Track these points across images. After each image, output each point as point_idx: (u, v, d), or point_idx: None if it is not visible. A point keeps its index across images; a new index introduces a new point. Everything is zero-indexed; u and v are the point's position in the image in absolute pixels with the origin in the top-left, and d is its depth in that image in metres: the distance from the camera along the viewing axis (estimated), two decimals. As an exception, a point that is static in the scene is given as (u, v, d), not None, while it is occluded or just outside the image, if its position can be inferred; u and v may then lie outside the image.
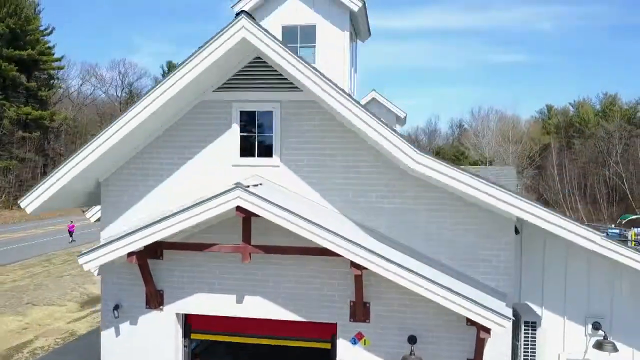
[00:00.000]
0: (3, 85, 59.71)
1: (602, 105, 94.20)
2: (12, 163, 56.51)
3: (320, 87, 7.21)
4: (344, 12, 10.62)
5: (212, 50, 7.27)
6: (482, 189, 6.90)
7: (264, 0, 10.67)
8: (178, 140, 8.19)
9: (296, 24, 10.75)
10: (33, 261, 30.62)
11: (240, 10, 7.39)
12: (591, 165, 76.52)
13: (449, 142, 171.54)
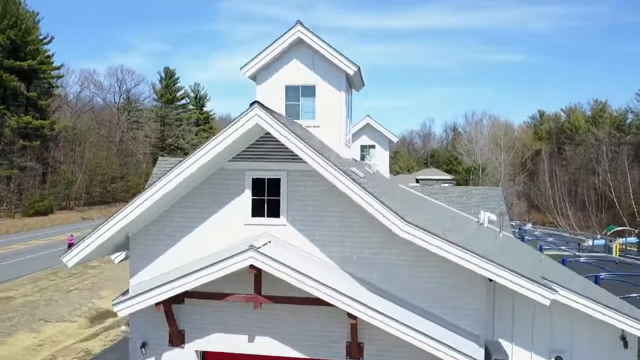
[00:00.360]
0: (3, 95, 60.67)
1: (592, 111, 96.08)
2: (13, 172, 57.51)
3: (318, 163, 8.52)
4: (340, 75, 11.97)
5: (230, 133, 8.59)
6: (455, 254, 8.20)
7: (270, 62, 11.97)
8: (198, 202, 9.48)
9: (298, 84, 12.09)
10: (40, 274, 31.73)
11: (254, 101, 8.68)
12: (581, 172, 78.15)
13: (443, 145, 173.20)
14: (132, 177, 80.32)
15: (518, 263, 10.58)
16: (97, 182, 71.46)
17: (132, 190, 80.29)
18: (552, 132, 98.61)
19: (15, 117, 59.98)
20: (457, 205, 26.04)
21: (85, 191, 69.51)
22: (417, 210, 13.65)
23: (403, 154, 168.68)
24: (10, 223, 54.01)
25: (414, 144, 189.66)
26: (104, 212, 70.29)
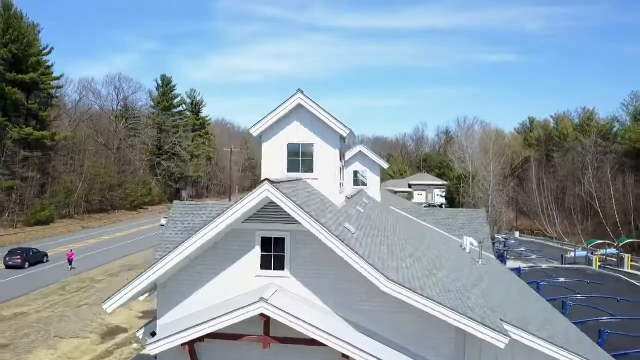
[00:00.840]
0: (5, 107, 62.02)
1: (580, 120, 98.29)
2: (15, 183, 58.91)
3: (314, 227, 10.34)
4: (335, 135, 13.87)
5: (245, 204, 10.42)
6: (428, 305, 10.04)
7: (274, 124, 13.83)
8: (217, 256, 11.27)
9: (299, 142, 13.97)
10: (50, 289, 33.36)
11: (265, 179, 10.51)
12: (569, 180, 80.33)
13: (436, 149, 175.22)
14: (130, 184, 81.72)
15: (485, 301, 12.46)
16: (97, 190, 72.86)
17: (130, 198, 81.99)
18: (542, 139, 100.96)
19: (17, 129, 61.34)
20: (444, 227, 28.06)
21: (85, 199, 70.92)
22: (403, 244, 15.49)
23: (396, 157, 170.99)
24: (13, 233, 55.39)
25: (407, 147, 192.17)
26: (103, 220, 71.95)
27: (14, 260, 39.48)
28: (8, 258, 39.79)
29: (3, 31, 60.07)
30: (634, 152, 70.22)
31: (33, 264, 40.66)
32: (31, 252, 41.82)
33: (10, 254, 40.37)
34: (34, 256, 41.49)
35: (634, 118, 79.20)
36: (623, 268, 42.13)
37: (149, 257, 45.52)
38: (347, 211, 14.65)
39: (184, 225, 15.62)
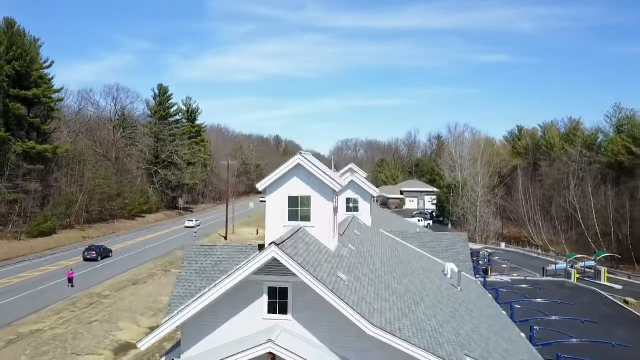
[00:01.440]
0: (8, 122, 63.79)
1: (567, 129, 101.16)
2: (19, 196, 60.73)
3: (311, 282, 12.65)
4: (329, 190, 16.17)
5: (256, 262, 12.72)
6: (406, 347, 12.37)
7: (277, 180, 16.14)
8: (230, 302, 13.54)
9: (298, 195, 16.27)
10: (61, 305, 35.38)
11: (272, 242, 12.80)
12: (555, 189, 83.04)
13: (427, 154, 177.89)
14: (128, 194, 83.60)
15: (455, 336, 14.82)
16: (96, 201, 74.74)
17: (129, 207, 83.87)
18: (529, 148, 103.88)
19: (20, 143, 63.17)
20: (429, 250, 30.46)
21: (85, 210, 72.79)
22: (388, 280, 17.81)
23: (389, 162, 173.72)
24: (18, 245, 57.26)
25: (400, 152, 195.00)
26: (103, 230, 73.88)
27: (91, 255, 50.57)
28: (86, 253, 50.99)
29: (7, 48, 61.86)
30: (615, 164, 73.08)
31: (104, 257, 51.84)
32: (102, 248, 53.02)
33: (88, 249, 51.71)
34: (104, 251, 52.51)
35: (617, 130, 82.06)
36: (600, 280, 44.86)
37: (152, 270, 47.80)
38: (340, 253, 16.97)
39: (197, 265, 17.83)
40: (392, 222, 39.15)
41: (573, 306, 29.20)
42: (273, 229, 16.36)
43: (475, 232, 70.99)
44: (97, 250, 51.56)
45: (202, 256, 18.15)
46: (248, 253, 17.83)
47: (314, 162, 16.98)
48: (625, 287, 43.25)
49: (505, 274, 44.97)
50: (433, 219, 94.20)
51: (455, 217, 78.38)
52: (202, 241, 67.55)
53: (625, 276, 47.81)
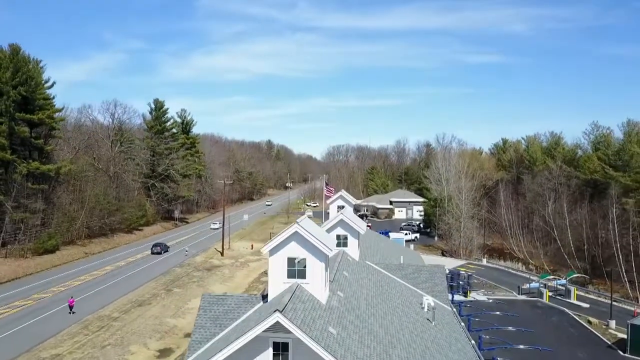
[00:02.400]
0: (12, 144, 66.56)
1: (548, 143, 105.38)
2: (26, 216, 63.58)
3: (306, 340, 16.14)
4: (322, 254, 19.69)
5: (264, 324, 16.19)
6: (381, 391, 15.88)
7: (278, 244, 19.61)
8: (240, 354, 16.98)
9: (295, 257, 19.78)
10: (74, 329, 38.47)
11: (275, 309, 16.27)
12: (536, 202, 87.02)
13: (416, 162, 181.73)
14: (127, 208, 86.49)
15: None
16: (96, 216, 77.62)
17: (128, 222, 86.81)
18: (513, 162, 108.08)
19: (24, 164, 65.98)
20: (410, 281, 34.06)
21: (86, 226, 75.65)
22: (371, 324, 21.31)
23: (379, 170, 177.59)
24: (24, 264, 60.08)
25: (389, 159, 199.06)
26: (103, 245, 76.84)
27: (157, 250, 71.25)
28: (154, 248, 71.87)
29: (12, 74, 64.68)
30: (591, 181, 77.22)
31: (165, 252, 72.07)
32: (163, 245, 73.91)
33: (155, 245, 72.74)
34: (164, 247, 73.06)
35: (594, 147, 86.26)
36: (570, 299, 48.72)
37: (154, 290, 50.97)
38: (330, 305, 20.46)
39: (211, 313, 21.23)
40: (378, 251, 42.44)
41: (541, 326, 32.89)
42: (275, 285, 19.90)
43: (459, 246, 74.73)
44: (160, 246, 72.46)
45: (215, 305, 21.56)
46: (253, 303, 21.38)
47: (309, 228, 20.44)
48: (592, 306, 47.10)
49: (483, 294, 48.68)
50: (420, 231, 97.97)
51: (441, 231, 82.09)
52: (199, 257, 70.84)
53: (594, 294, 51.71)
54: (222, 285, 55.05)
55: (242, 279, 58.57)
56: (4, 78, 64.11)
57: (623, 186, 65.90)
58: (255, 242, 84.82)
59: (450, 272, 51.36)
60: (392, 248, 46.23)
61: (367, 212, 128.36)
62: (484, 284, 53.72)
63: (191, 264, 65.22)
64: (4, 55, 66.00)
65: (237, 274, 61.34)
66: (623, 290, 55.56)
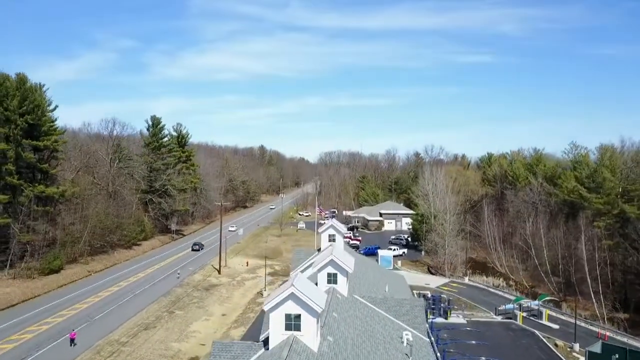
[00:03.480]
0: (19, 168, 69.85)
1: (531, 159, 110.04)
2: (32, 237, 66.93)
3: (306, 390, 20.06)
4: (314, 311, 23.65)
5: (267, 379, 20.10)
6: None
7: (278, 303, 23.54)
8: (250, 400, 20.86)
9: (291, 313, 23.72)
10: (87, 355, 42.04)
11: (278, 367, 20.19)
12: (518, 219, 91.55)
13: (406, 171, 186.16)
14: (126, 225, 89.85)
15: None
16: (98, 235, 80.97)
17: (127, 238, 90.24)
18: (497, 177, 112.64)
19: (30, 187, 69.30)
20: (393, 313, 38.04)
21: (88, 244, 78.99)
22: None
23: (369, 179, 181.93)
24: (32, 285, 63.36)
25: (380, 168, 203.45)
26: (105, 262, 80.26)
27: (196, 247, 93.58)
28: (193, 246, 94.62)
29: (19, 102, 68.00)
30: (568, 201, 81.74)
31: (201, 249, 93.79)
32: (200, 244, 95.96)
33: (194, 244, 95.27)
34: (201, 246, 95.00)
35: (573, 167, 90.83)
36: (541, 320, 53.08)
37: (157, 312, 54.65)
38: (321, 351, 24.39)
39: None
40: (366, 281, 46.24)
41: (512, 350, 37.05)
42: (275, 335, 23.86)
43: (444, 263, 78.94)
44: (198, 245, 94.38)
45: (224, 352, 25.44)
46: (256, 349, 25.26)
47: (304, 289, 24.35)
48: (562, 327, 51.45)
49: (462, 316, 52.89)
50: (408, 245, 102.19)
51: (427, 247, 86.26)
52: (197, 275, 74.49)
53: (565, 315, 56.02)
54: (220, 306, 58.84)
55: (239, 299, 62.36)
56: (12, 106, 67.40)
57: (595, 209, 70.39)
58: (250, 258, 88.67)
59: (432, 297, 55.58)
60: (379, 276, 50.06)
61: (357, 223, 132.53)
62: (464, 305, 57.87)
63: (190, 283, 68.90)
64: (11, 84, 69.27)
65: (235, 293, 65.14)
66: (592, 309, 60.01)
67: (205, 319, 53.54)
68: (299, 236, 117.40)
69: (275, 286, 67.59)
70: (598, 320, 56.82)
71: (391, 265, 79.19)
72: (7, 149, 66.88)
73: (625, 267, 60.81)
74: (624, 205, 65.22)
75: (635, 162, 73.19)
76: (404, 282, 51.88)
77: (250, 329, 49.17)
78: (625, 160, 75.15)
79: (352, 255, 51.48)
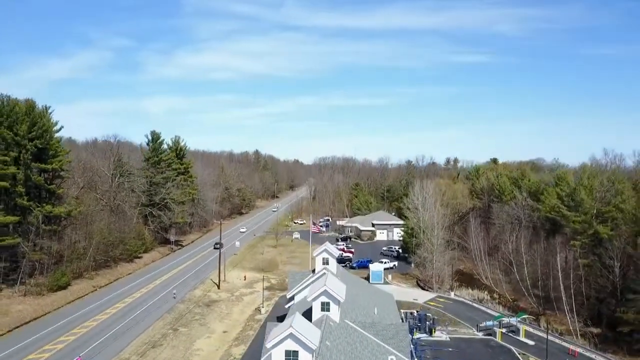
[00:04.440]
0: (28, 190, 73.50)
1: (516, 174, 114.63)
2: (42, 256, 70.63)
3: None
4: (310, 348, 27.82)
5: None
6: None
7: (279, 341, 27.65)
8: None
9: (290, 349, 27.90)
10: (102, 374, 46.01)
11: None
12: (502, 234, 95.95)
13: (398, 179, 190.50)
14: (128, 240, 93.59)
15: None
16: (102, 251, 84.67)
17: (129, 252, 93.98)
18: (485, 190, 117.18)
19: (39, 207, 72.98)
20: (380, 337, 42.22)
21: (93, 259, 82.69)
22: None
23: (362, 187, 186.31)
24: (42, 302, 66.97)
25: (373, 175, 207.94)
26: (108, 277, 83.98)
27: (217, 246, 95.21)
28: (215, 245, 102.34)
29: (28, 128, 71.67)
30: (549, 218, 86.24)
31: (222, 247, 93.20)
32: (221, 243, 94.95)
33: (216, 243, 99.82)
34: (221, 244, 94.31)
35: (556, 184, 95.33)
36: (519, 337, 57.43)
37: (162, 329, 58.48)
38: None
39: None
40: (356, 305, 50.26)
41: None
42: (276, 369, 28.00)
43: (432, 277, 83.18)
44: (219, 243, 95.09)
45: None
46: (260, 380, 29.35)
47: (301, 328, 28.50)
48: (537, 343, 55.70)
49: (446, 333, 57.16)
50: (399, 256, 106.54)
51: (417, 261, 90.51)
52: (197, 290, 78.33)
53: (541, 331, 60.34)
54: (221, 322, 62.83)
55: (238, 316, 66.33)
56: (22, 131, 71.08)
57: (572, 228, 74.89)
58: (247, 271, 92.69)
59: (419, 315, 59.86)
60: (368, 298, 54.12)
61: (351, 233, 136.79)
62: (448, 322, 62.10)
63: (191, 299, 72.81)
64: (20, 109, 72.92)
65: (234, 309, 69.12)
66: (568, 324, 64.44)
67: (207, 336, 57.50)
68: (294, 247, 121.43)
69: (272, 302, 71.68)
70: (572, 335, 61.23)
71: (382, 280, 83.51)
72: (17, 172, 70.60)
73: (598, 285, 65.22)
74: (598, 226, 69.66)
75: (611, 182, 77.66)
76: (392, 303, 55.98)
77: (251, 346, 53.10)
78: (602, 180, 79.60)
79: (345, 278, 55.71)
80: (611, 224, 69.47)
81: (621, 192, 72.51)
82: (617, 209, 69.98)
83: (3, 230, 69.71)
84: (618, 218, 68.78)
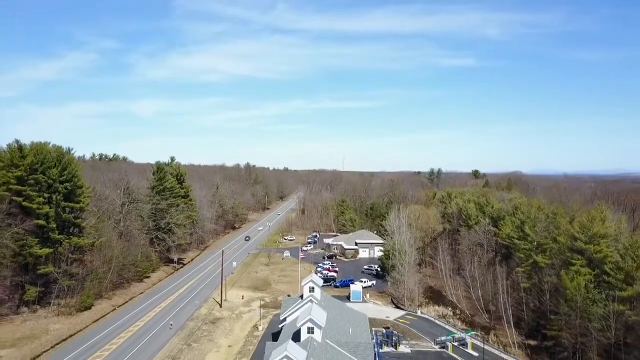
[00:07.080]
0: (58, 225, 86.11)
1: (482, 201, 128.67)
2: (72, 283, 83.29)
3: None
4: (299, 365, 41.41)
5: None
6: None
7: None
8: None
9: (286, 366, 41.47)
10: (137, 382, 58.88)
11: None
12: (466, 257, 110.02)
13: (381, 196, 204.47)
14: (139, 262, 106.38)
15: None
16: (117, 272, 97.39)
17: (139, 272, 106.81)
18: (454, 214, 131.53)
19: (68, 240, 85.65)
20: (353, 353, 55.65)
21: (110, 281, 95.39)
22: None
23: (349, 204, 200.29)
24: (74, 321, 79.51)
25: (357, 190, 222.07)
26: (124, 297, 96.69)
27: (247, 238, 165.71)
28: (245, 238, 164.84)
29: (59, 172, 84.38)
30: (504, 245, 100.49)
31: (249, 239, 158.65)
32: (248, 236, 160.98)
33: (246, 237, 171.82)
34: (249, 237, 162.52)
35: (513, 213, 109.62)
36: (467, 349, 71.37)
37: (178, 345, 71.42)
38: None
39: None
40: (335, 326, 63.61)
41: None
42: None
43: (404, 296, 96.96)
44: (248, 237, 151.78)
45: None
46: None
47: (294, 354, 42.00)
48: (480, 354, 69.66)
49: (408, 346, 70.93)
50: (378, 274, 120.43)
51: (392, 280, 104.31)
52: (203, 309, 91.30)
53: (486, 345, 74.29)
54: (226, 338, 75.96)
55: (239, 332, 79.50)
56: (54, 175, 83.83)
57: (518, 257, 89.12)
58: (245, 290, 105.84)
59: (386, 332, 73.57)
60: (345, 320, 67.55)
61: (335, 250, 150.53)
62: (412, 337, 75.84)
63: (199, 317, 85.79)
64: (52, 156, 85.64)
65: (235, 326, 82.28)
66: (512, 337, 78.53)
67: (215, 350, 70.59)
68: (285, 265, 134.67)
69: (268, 320, 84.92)
70: (512, 347, 75.30)
71: (361, 298, 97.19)
72: (49, 211, 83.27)
73: (535, 306, 79.43)
74: (537, 256, 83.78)
75: (552, 216, 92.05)
76: (365, 322, 69.38)
77: (252, 359, 66.32)
78: (548, 213, 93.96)
79: (327, 302, 69.30)
80: (549, 254, 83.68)
81: (558, 225, 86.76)
82: (554, 240, 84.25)
83: (38, 260, 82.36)
84: (554, 249, 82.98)
